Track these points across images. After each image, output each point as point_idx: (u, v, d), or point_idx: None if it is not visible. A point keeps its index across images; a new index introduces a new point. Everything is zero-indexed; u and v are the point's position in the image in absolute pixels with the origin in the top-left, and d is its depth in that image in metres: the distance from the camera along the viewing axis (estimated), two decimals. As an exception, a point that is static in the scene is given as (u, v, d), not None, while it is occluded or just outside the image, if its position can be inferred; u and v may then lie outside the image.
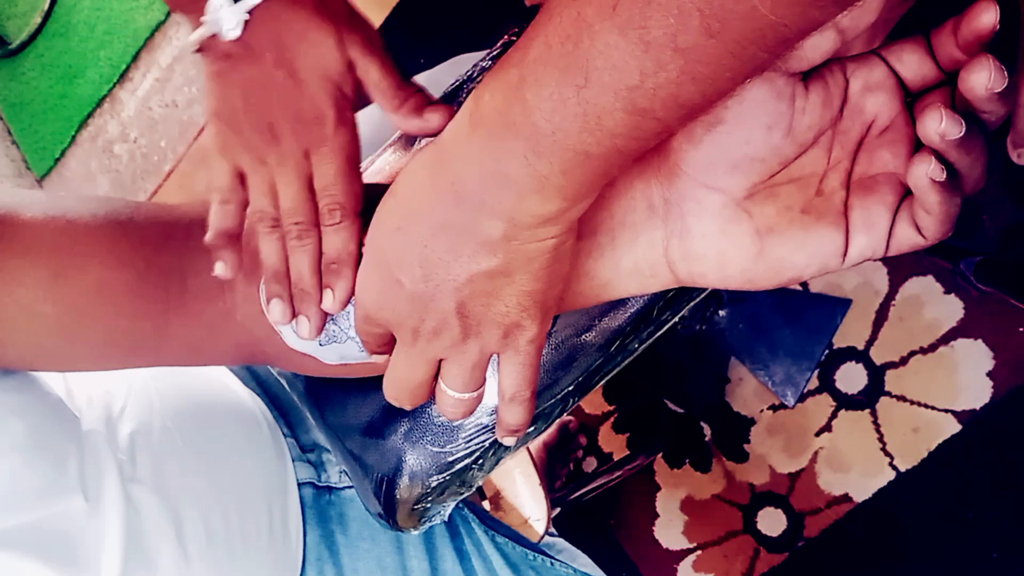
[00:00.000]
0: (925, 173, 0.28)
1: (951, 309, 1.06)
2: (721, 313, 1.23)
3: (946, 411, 1.08)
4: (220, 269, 0.39)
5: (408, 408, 0.38)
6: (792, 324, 1.18)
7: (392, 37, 1.53)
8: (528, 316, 0.32)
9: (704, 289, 0.45)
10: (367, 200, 0.41)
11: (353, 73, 0.39)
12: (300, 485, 0.55)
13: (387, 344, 0.37)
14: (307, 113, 0.38)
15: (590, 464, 1.38)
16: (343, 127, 0.39)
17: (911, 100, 0.31)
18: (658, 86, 0.24)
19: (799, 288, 1.18)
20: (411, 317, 0.33)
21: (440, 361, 0.35)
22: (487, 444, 0.44)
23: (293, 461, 0.55)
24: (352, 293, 0.39)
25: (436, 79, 0.61)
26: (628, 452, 1.33)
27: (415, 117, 0.39)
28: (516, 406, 0.36)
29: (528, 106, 0.26)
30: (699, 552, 1.28)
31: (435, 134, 0.39)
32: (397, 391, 0.37)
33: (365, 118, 0.62)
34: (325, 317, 0.40)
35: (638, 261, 0.36)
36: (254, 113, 0.38)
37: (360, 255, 0.38)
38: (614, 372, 0.46)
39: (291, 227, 0.39)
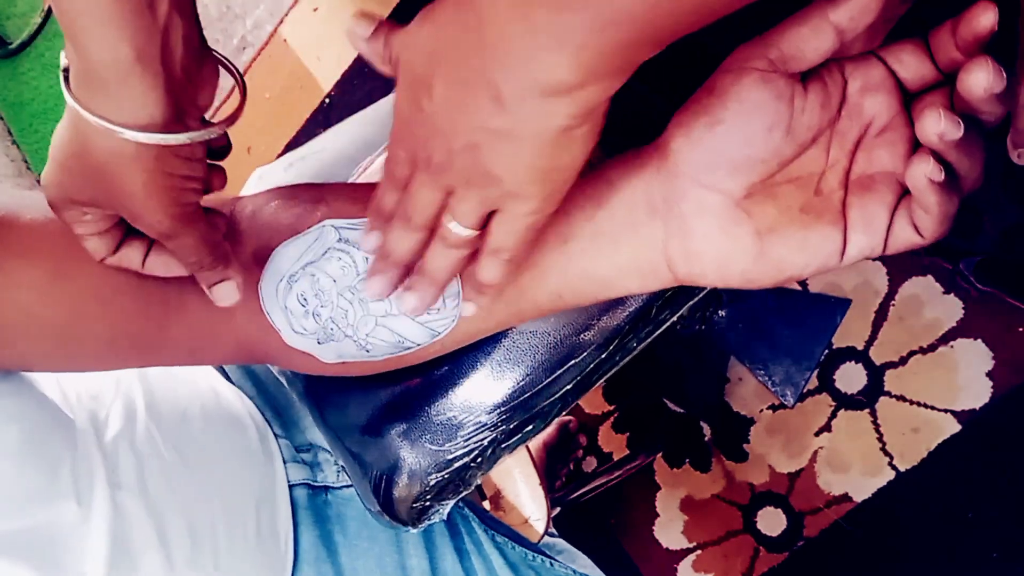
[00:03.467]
0: (923, 173, 0.28)
1: (951, 309, 1.06)
2: (721, 313, 1.23)
3: (946, 411, 1.08)
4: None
5: (391, 269, 0.37)
6: (792, 324, 1.18)
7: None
8: (528, 190, 0.31)
9: (703, 289, 0.45)
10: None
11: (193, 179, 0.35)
12: (294, 486, 0.54)
13: (401, 191, 0.36)
14: (145, 227, 0.36)
15: (590, 464, 1.38)
16: (189, 227, 0.36)
17: (910, 100, 0.31)
18: None
19: (799, 288, 1.17)
20: (426, 144, 0.32)
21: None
22: (485, 443, 0.44)
23: (286, 463, 0.55)
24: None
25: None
26: (628, 452, 1.33)
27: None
28: (494, 261, 0.35)
29: None
30: (699, 552, 1.28)
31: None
32: (405, 209, 0.36)
33: (365, 119, 0.62)
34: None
35: (638, 260, 0.36)
36: (86, 199, 0.35)
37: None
38: (613, 371, 0.46)
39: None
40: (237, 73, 0.36)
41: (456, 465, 0.45)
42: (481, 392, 0.44)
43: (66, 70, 0.32)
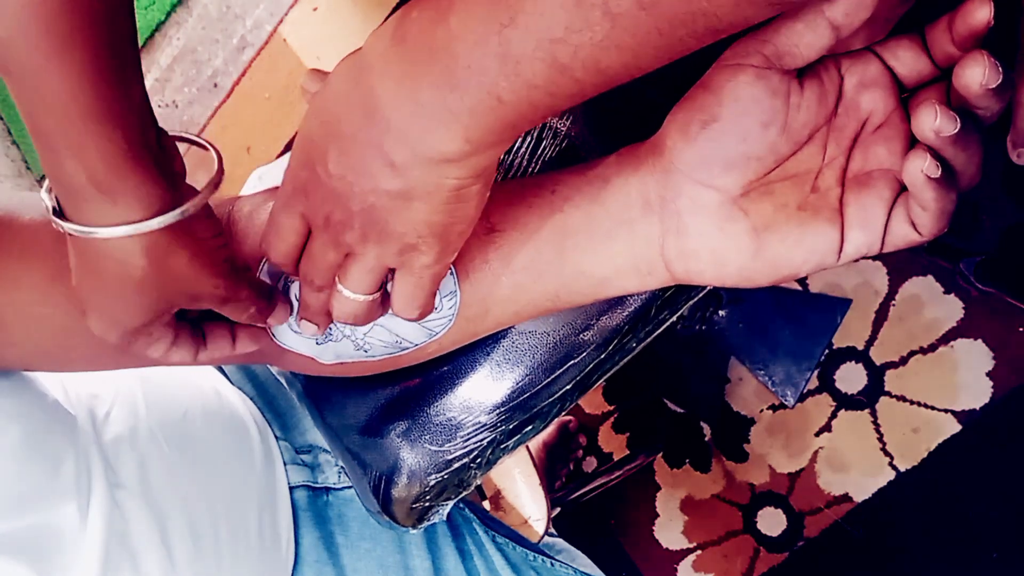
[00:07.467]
0: (920, 169, 0.28)
1: (951, 309, 1.06)
2: (721, 313, 1.23)
3: (946, 411, 1.08)
4: None
5: (318, 317, 0.38)
6: (792, 324, 1.18)
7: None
8: (425, 243, 0.32)
9: (702, 288, 0.45)
10: None
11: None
12: (295, 488, 0.54)
13: (294, 249, 0.37)
14: (207, 299, 0.37)
15: (590, 464, 1.38)
16: (240, 279, 0.38)
17: (906, 96, 0.31)
18: (581, 45, 0.24)
19: (799, 288, 1.17)
20: (322, 207, 0.33)
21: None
22: (485, 443, 0.44)
23: (287, 464, 0.55)
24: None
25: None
26: (628, 452, 1.33)
27: None
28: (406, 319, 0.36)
29: (452, 33, 0.25)
30: (699, 552, 1.28)
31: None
32: (305, 273, 0.37)
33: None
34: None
35: (635, 259, 0.36)
36: (144, 320, 0.36)
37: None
38: (612, 371, 0.46)
39: None
40: (202, 142, 0.37)
41: (455, 466, 0.45)
42: (480, 392, 0.44)
43: (55, 210, 0.32)
